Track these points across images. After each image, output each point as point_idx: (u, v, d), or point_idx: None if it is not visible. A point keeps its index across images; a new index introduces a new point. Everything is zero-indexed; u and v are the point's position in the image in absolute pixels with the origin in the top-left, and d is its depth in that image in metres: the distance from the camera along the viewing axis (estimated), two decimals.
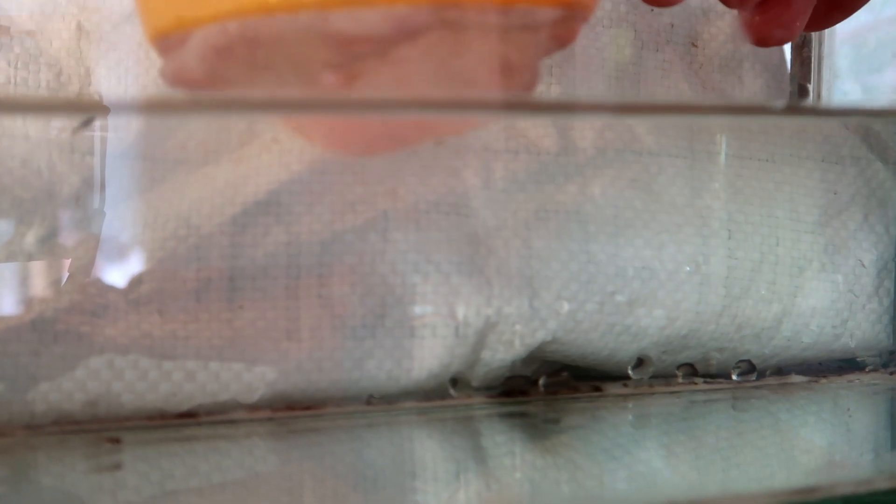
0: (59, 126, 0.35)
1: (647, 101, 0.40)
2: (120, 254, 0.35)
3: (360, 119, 0.28)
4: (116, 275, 0.35)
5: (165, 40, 0.28)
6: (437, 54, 0.27)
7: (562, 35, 0.29)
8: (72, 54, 0.36)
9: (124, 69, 0.36)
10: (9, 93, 0.35)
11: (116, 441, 0.33)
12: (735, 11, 0.37)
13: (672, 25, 0.41)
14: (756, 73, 0.42)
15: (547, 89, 0.39)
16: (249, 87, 0.28)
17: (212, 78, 0.28)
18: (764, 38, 0.35)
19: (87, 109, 0.33)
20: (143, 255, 0.35)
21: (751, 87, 0.42)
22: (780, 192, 0.41)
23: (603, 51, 0.40)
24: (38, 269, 0.34)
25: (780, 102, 0.43)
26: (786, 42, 0.36)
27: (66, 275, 0.34)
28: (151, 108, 0.31)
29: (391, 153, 0.36)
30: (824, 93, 0.44)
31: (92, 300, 0.34)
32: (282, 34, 0.26)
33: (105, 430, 0.34)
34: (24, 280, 0.34)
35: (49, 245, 0.34)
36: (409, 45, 0.26)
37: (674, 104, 0.39)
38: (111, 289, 0.35)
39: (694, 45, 0.42)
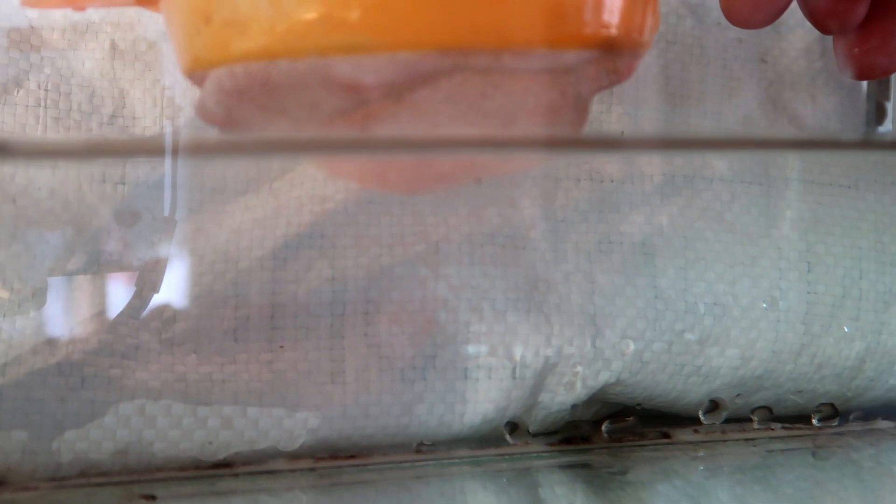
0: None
1: (697, 134, 0.38)
2: (153, 290, 0.33)
3: (393, 158, 0.27)
4: (149, 313, 0.33)
5: (192, 76, 0.27)
6: (463, 96, 0.25)
7: (616, 69, 0.27)
8: (105, 75, 0.34)
9: (160, 90, 0.34)
10: (41, 117, 0.33)
11: (151, 498, 0.31)
12: (811, 28, 0.34)
13: (740, 40, 0.39)
14: (830, 90, 0.40)
15: (607, 109, 0.37)
16: (264, 129, 0.28)
17: (228, 118, 0.27)
18: (866, 70, 0.32)
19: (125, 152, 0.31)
20: (178, 292, 0.33)
21: (824, 106, 0.40)
22: (864, 222, 0.38)
23: (667, 68, 0.38)
24: (65, 307, 0.32)
25: (852, 125, 0.40)
26: (888, 74, 0.33)
27: (93, 312, 0.32)
28: (187, 150, 0.29)
29: (431, 191, 0.34)
30: None
31: (122, 341, 0.32)
32: (287, 79, 0.24)
33: (135, 481, 0.31)
34: (49, 319, 0.32)
35: (77, 281, 0.32)
36: (428, 88, 0.25)
37: (725, 138, 0.36)
38: (143, 328, 0.32)
39: (763, 62, 0.39)
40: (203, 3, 0.26)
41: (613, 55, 0.27)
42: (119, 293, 0.33)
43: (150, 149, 0.28)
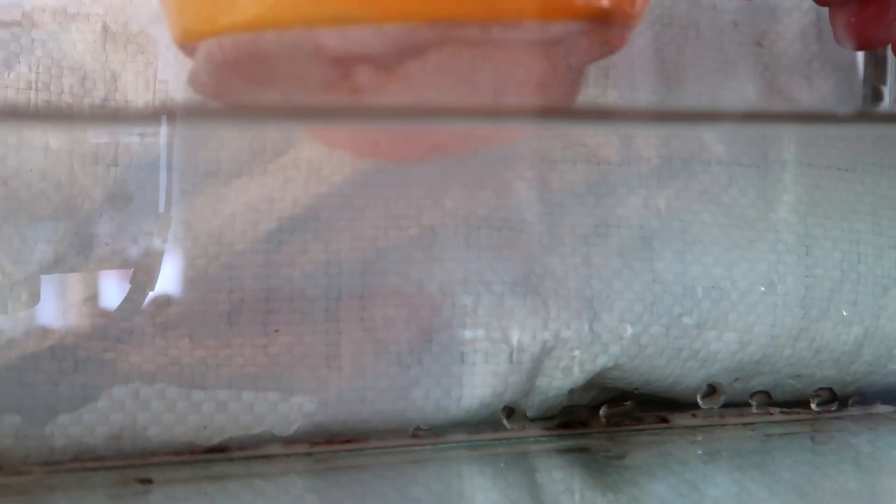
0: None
1: (692, 107, 0.38)
2: (147, 273, 0.32)
3: (387, 128, 0.27)
4: (142, 296, 0.32)
5: (184, 47, 0.27)
6: (453, 69, 0.25)
7: (608, 41, 0.27)
8: (97, 58, 0.33)
9: (153, 73, 0.33)
10: (31, 100, 0.33)
11: (148, 482, 0.30)
12: (818, 8, 0.34)
13: (735, 23, 0.39)
14: (826, 73, 0.39)
15: (603, 93, 0.37)
16: (255, 99, 0.28)
17: (219, 90, 0.27)
18: (864, 41, 0.32)
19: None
20: (172, 275, 0.33)
21: (820, 90, 0.39)
22: (862, 204, 0.38)
23: (662, 51, 0.37)
24: (57, 290, 0.32)
25: (848, 109, 0.40)
26: (885, 44, 0.33)
27: (87, 295, 0.32)
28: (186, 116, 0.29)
29: (425, 161, 0.34)
30: None
31: (116, 324, 0.32)
32: (275, 50, 0.25)
33: (129, 466, 0.31)
34: (42, 302, 0.31)
35: (70, 264, 0.32)
36: (417, 60, 0.25)
37: (719, 111, 0.36)
38: (137, 311, 0.32)
39: (759, 45, 0.39)
40: None
41: (605, 26, 0.26)
42: (113, 281, 0.32)
43: (142, 116, 0.28)
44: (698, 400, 0.37)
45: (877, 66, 0.41)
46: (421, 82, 0.25)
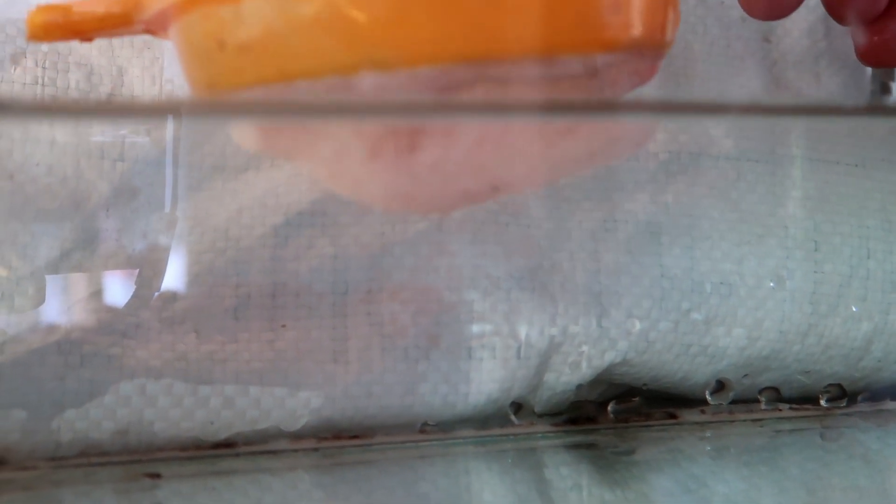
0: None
1: (699, 100, 0.37)
2: (153, 268, 0.32)
3: (423, 181, 0.26)
4: (149, 291, 0.32)
5: None
6: None
7: (638, 72, 0.27)
8: (103, 53, 0.33)
9: (159, 68, 0.33)
10: (38, 95, 0.33)
11: (156, 476, 0.30)
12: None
13: (743, 19, 0.38)
14: (834, 70, 0.39)
15: None
16: (304, 153, 0.28)
17: (265, 144, 0.27)
18: (885, 59, 0.32)
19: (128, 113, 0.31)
20: (178, 270, 0.32)
21: (828, 86, 0.39)
22: (871, 200, 0.38)
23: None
24: (63, 285, 0.32)
25: (857, 101, 0.40)
26: None
27: (94, 290, 0.32)
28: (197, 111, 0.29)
29: (458, 210, 0.34)
30: None
31: (122, 319, 0.32)
32: (306, 100, 0.24)
33: (136, 461, 0.31)
34: (48, 297, 0.31)
35: (76, 259, 0.32)
36: None
37: (728, 104, 0.36)
38: (143, 307, 0.32)
39: (767, 41, 0.39)
40: (216, 28, 0.25)
41: (636, 57, 0.26)
42: (119, 276, 0.32)
43: (149, 110, 0.28)
44: (707, 396, 0.37)
45: None
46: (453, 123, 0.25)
